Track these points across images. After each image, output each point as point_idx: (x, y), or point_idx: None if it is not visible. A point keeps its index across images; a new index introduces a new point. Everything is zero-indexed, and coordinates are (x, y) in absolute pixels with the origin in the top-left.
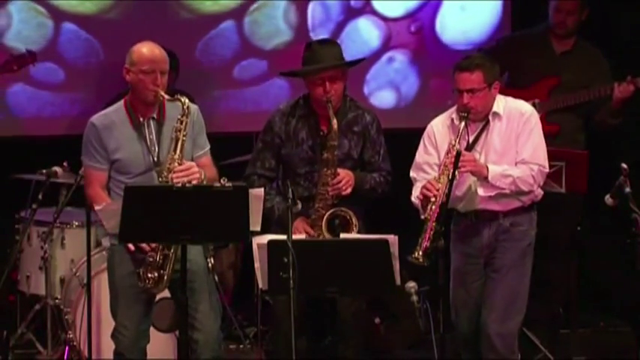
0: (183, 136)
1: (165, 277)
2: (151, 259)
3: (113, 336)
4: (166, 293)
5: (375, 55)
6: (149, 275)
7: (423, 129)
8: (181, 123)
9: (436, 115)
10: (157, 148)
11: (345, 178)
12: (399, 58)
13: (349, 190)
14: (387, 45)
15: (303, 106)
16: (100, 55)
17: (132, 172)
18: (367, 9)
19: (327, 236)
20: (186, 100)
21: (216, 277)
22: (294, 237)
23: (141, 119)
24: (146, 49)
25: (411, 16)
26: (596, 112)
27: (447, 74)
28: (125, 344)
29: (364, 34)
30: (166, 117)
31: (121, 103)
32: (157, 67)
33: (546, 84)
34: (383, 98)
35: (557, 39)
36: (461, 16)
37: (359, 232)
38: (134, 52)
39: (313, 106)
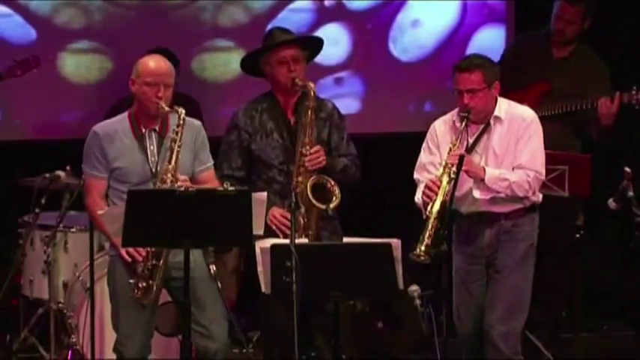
0: (178, 146)
1: (154, 288)
2: (140, 269)
3: (115, 349)
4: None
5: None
6: (139, 285)
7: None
8: (176, 134)
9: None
10: (156, 160)
11: (320, 149)
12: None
13: (324, 162)
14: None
15: (264, 100)
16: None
17: (130, 181)
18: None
19: (317, 204)
20: (183, 112)
21: (219, 283)
22: (297, 241)
23: (143, 130)
24: (152, 61)
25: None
26: (586, 124)
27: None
28: (127, 357)
29: None
30: (169, 130)
31: (125, 113)
32: (160, 80)
33: (538, 89)
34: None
35: (556, 45)
36: (412, 31)
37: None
38: (140, 64)
39: (276, 95)
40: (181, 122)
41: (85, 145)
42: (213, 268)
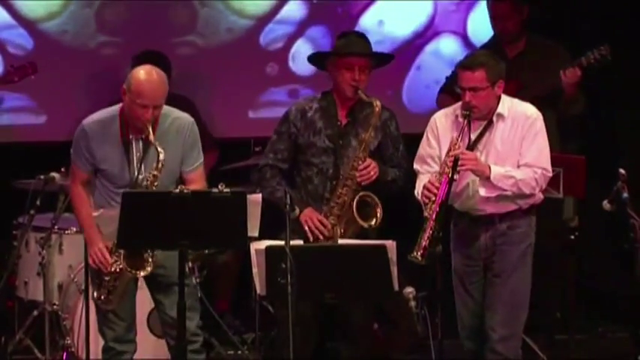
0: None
1: (113, 300)
2: (106, 279)
3: (100, 330)
4: None
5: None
6: (101, 290)
7: None
8: (157, 169)
9: None
10: (137, 168)
11: (372, 164)
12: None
13: (375, 176)
14: None
15: (321, 99)
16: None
17: (115, 182)
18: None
19: (359, 221)
20: (162, 152)
21: (194, 279)
22: (292, 242)
23: (130, 136)
24: (146, 83)
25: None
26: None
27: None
28: (114, 336)
29: None
30: (156, 136)
31: (117, 111)
32: (151, 103)
33: (508, 89)
34: None
35: (506, 45)
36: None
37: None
38: (134, 81)
39: (334, 97)
40: (160, 165)
41: (75, 134)
42: (188, 265)
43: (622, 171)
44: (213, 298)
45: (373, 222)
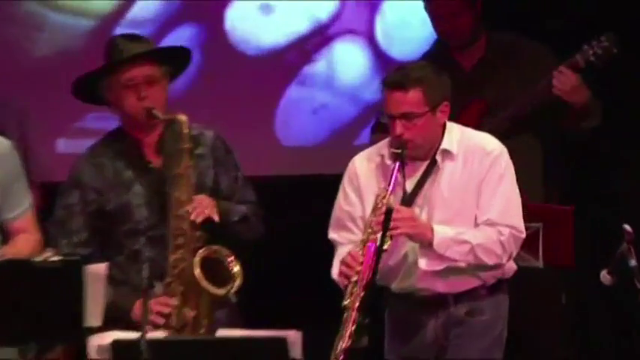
0: None
1: None
2: None
3: None
4: None
5: None
6: None
7: None
8: None
9: None
10: None
11: (203, 200)
12: None
13: (214, 214)
14: None
15: (114, 141)
16: None
17: None
18: None
19: (211, 289)
20: None
21: None
22: (151, 335)
23: None
24: None
25: None
26: (561, 118)
27: None
28: None
29: None
30: None
31: None
32: None
33: (473, 111)
34: None
35: (459, 52)
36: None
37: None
38: None
39: (130, 132)
40: None
41: None
42: None
43: (627, 227)
44: None
45: (233, 285)
